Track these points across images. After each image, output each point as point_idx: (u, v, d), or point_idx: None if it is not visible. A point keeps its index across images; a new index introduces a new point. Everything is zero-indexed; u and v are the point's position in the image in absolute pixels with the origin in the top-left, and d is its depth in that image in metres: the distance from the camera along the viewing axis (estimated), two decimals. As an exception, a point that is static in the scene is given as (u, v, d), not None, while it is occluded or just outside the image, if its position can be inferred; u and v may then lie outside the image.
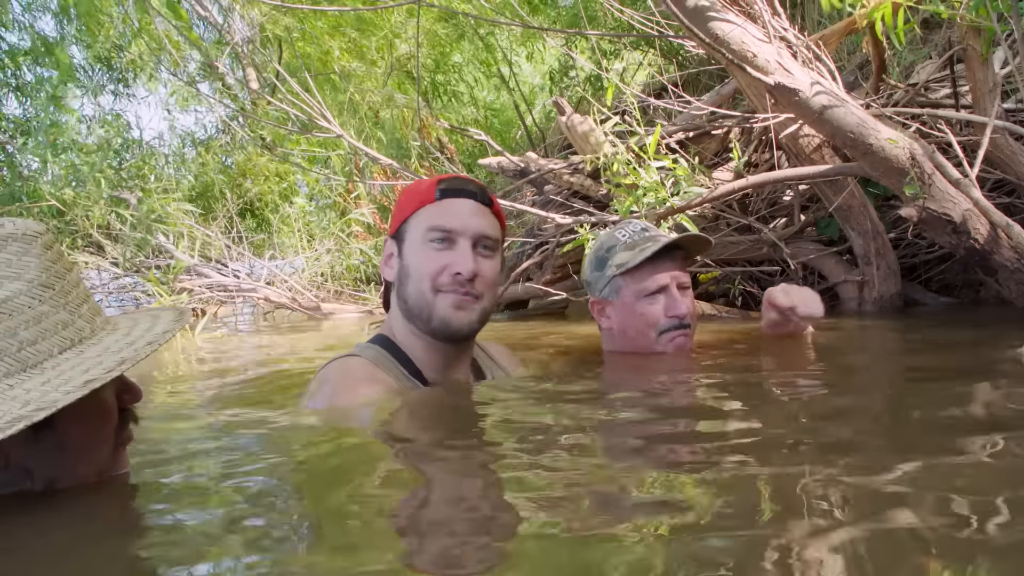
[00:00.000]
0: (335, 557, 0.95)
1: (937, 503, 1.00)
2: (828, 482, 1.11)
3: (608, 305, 2.52)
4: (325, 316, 6.69)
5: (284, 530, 1.07)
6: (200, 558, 0.97)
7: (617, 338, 2.54)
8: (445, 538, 0.99)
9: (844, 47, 4.94)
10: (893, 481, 1.11)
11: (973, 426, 1.43)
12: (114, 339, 1.21)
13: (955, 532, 0.90)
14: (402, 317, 1.99)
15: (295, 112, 5.05)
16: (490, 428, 1.71)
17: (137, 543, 1.08)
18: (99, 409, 1.23)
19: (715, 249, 4.17)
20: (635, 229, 2.51)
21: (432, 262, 1.91)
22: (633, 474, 1.26)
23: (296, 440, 1.67)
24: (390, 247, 2.02)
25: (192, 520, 1.13)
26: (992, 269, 2.99)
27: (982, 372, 2.03)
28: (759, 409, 1.75)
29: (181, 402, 2.50)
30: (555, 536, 0.98)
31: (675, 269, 2.46)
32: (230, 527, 1.08)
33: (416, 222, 1.95)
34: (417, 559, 0.95)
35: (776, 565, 0.85)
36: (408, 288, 1.94)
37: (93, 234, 8.13)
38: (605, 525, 1.01)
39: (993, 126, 3.13)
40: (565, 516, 1.05)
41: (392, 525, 1.08)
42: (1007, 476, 1.12)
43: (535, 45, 9.07)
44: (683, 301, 2.44)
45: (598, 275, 2.52)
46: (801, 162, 3.78)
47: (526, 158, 4.97)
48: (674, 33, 4.11)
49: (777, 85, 3.02)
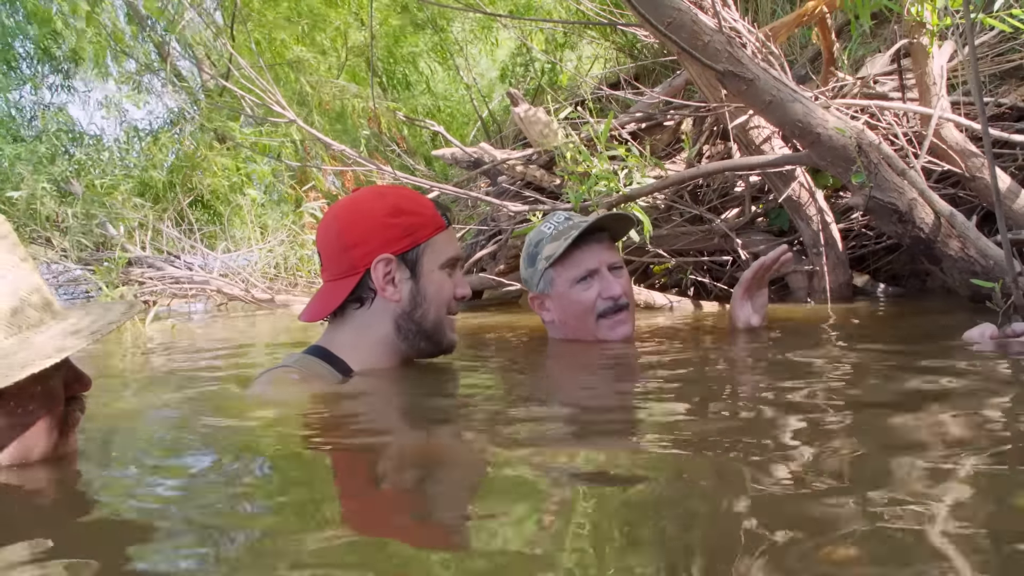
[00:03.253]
0: (279, 540, 0.94)
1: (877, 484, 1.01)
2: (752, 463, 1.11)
3: (546, 298, 2.53)
4: (279, 307, 6.62)
5: (221, 513, 1.05)
6: (134, 543, 0.96)
7: (560, 329, 2.55)
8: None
9: (796, 41, 4.99)
10: (832, 472, 1.11)
11: (924, 410, 1.45)
12: (60, 328, 1.23)
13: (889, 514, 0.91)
14: (392, 335, 2.00)
15: (249, 98, 4.98)
16: (453, 408, 1.73)
17: (78, 523, 1.06)
18: (44, 394, 1.23)
19: (667, 239, 4.19)
20: (559, 220, 2.51)
21: (448, 287, 2.02)
22: (568, 452, 1.25)
23: (232, 431, 1.64)
24: (391, 268, 1.96)
25: (128, 506, 1.12)
26: (937, 258, 3.03)
27: (932, 357, 2.06)
28: (695, 397, 1.76)
29: (122, 388, 2.44)
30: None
31: (603, 251, 2.46)
32: (163, 513, 1.07)
33: (433, 249, 2.00)
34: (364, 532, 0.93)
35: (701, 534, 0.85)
36: (427, 311, 2.00)
37: (41, 227, 7.96)
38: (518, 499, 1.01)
39: (937, 118, 3.18)
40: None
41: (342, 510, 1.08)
42: (961, 457, 1.12)
43: (490, 37, 9.04)
44: (617, 281, 2.44)
45: (531, 271, 2.52)
46: (751, 153, 3.81)
47: (480, 149, 4.94)
48: (627, 23, 4.12)
49: (727, 73, 3.03)
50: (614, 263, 2.47)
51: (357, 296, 1.98)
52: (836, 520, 0.88)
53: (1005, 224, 2.28)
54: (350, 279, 1.97)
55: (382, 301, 1.98)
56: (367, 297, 1.98)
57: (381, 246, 1.95)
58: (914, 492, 0.94)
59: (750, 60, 3.13)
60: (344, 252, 1.97)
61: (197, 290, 7.13)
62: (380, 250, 1.94)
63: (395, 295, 1.97)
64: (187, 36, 11.21)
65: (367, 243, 1.95)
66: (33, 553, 0.90)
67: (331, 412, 1.72)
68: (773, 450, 1.17)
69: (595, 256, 2.43)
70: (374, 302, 1.98)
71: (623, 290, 2.44)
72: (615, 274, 2.45)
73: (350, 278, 1.97)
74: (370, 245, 1.95)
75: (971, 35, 2.56)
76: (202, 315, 6.57)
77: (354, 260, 1.96)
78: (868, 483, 0.99)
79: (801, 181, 3.79)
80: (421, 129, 8.54)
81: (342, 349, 1.98)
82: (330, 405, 1.78)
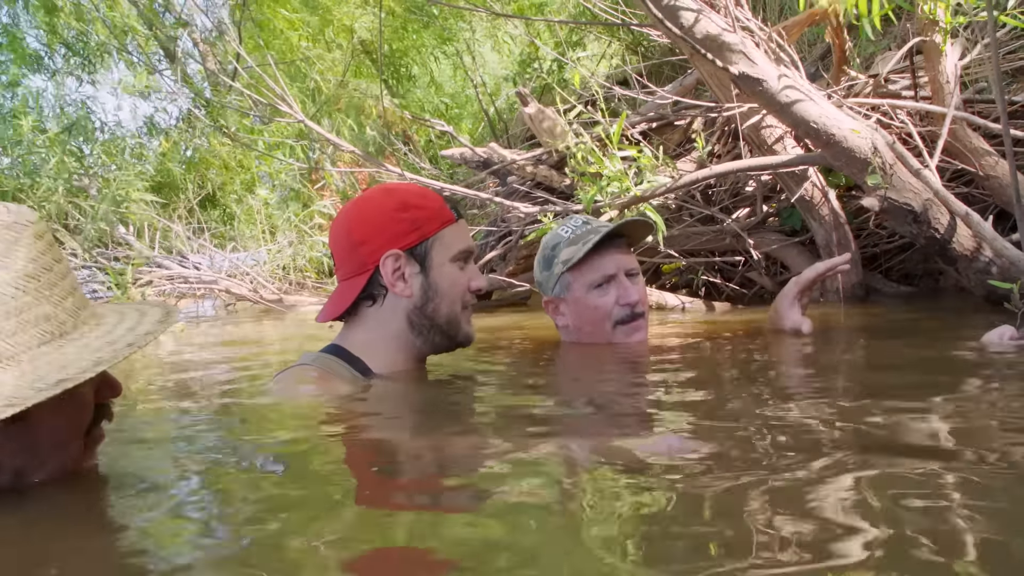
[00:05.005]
0: (304, 553, 0.93)
1: (892, 491, 0.99)
2: (777, 468, 1.10)
3: (561, 303, 2.50)
4: (288, 308, 6.63)
5: (239, 522, 1.04)
6: (165, 553, 0.96)
7: (574, 334, 2.53)
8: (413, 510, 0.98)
9: (805, 39, 4.97)
10: (847, 474, 1.10)
11: (937, 416, 1.43)
12: (95, 336, 1.17)
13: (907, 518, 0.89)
14: (406, 331, 2.00)
15: (256, 98, 4.98)
16: (467, 412, 1.74)
17: (106, 538, 1.05)
18: (75, 404, 1.19)
19: (679, 240, 4.17)
20: (576, 224, 2.49)
21: (462, 280, 2.01)
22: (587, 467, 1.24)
23: (257, 431, 1.64)
24: (400, 263, 1.96)
25: (157, 516, 1.10)
26: (951, 258, 3.01)
27: (946, 360, 2.04)
28: (710, 399, 1.74)
29: (142, 397, 2.45)
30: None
31: (621, 257, 2.44)
32: (189, 522, 1.06)
33: (442, 242, 1.99)
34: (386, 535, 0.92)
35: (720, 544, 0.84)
36: (439, 305, 1.99)
37: (54, 225, 7.97)
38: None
39: (951, 116, 3.16)
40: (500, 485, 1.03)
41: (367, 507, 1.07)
42: (976, 467, 1.11)
43: (500, 36, 9.01)
44: (633, 288, 2.42)
45: (547, 275, 2.50)
46: (763, 153, 3.79)
47: (489, 149, 4.93)
48: (638, 22, 4.10)
49: (741, 75, 3.02)
50: (631, 269, 2.45)
51: (369, 294, 1.98)
52: (847, 526, 0.87)
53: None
54: (361, 277, 1.97)
55: (394, 297, 1.98)
56: (379, 294, 1.99)
57: (389, 242, 1.95)
58: (937, 497, 0.93)
59: (764, 60, 3.11)
60: (354, 250, 1.97)
61: (206, 289, 7.15)
62: (388, 246, 1.95)
63: (406, 290, 1.97)
64: (195, 35, 11.24)
65: (375, 240, 1.95)
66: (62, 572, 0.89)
67: (351, 412, 1.72)
68: (797, 458, 1.16)
69: (613, 261, 2.41)
70: (386, 299, 1.99)
71: (639, 297, 2.43)
72: (632, 280, 2.44)
73: (361, 276, 1.97)
74: (378, 241, 1.95)
75: (992, 31, 2.54)
76: (211, 316, 6.58)
77: (363, 258, 1.96)
78: (888, 487, 0.98)
79: (814, 181, 3.77)
80: (428, 128, 8.52)
81: (358, 347, 1.99)
82: (350, 405, 1.78)
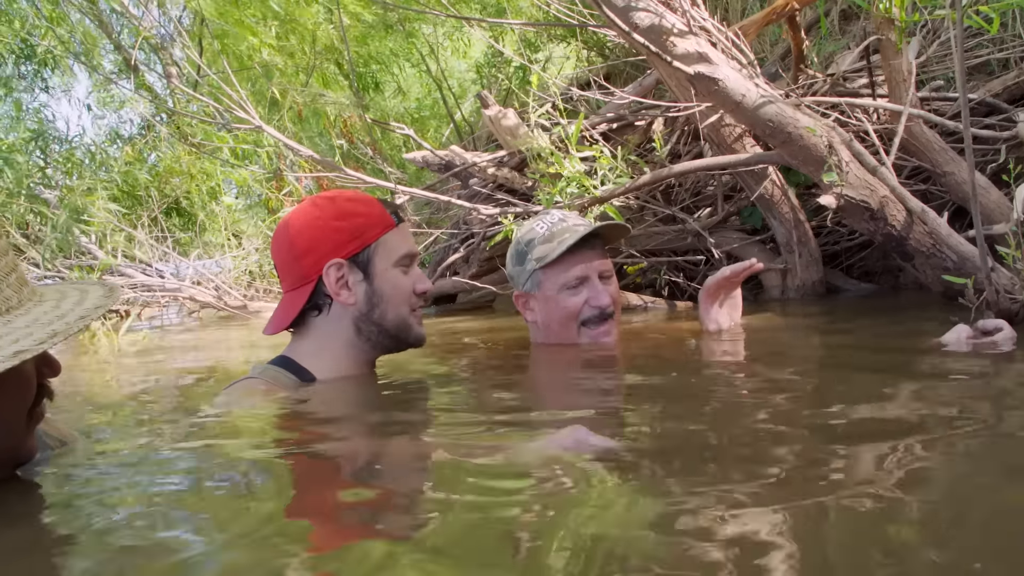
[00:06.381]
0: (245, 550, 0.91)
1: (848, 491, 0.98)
2: (735, 464, 1.09)
3: (531, 298, 2.50)
4: (252, 315, 6.56)
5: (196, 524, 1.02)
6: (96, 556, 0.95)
7: (542, 331, 2.52)
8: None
9: (767, 39, 4.99)
10: (807, 470, 1.08)
11: (897, 415, 1.43)
12: (42, 310, 1.17)
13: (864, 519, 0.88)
14: (354, 337, 1.99)
15: (216, 106, 4.92)
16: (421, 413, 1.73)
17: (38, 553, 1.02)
18: (19, 382, 1.18)
19: (640, 240, 4.17)
20: (553, 220, 2.47)
21: (406, 284, 2.00)
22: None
23: (203, 443, 1.61)
24: (343, 272, 1.95)
25: (93, 519, 1.08)
26: (909, 255, 3.03)
27: (906, 358, 2.05)
28: (675, 400, 1.73)
29: (101, 405, 2.40)
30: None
31: (595, 259, 2.43)
32: (137, 531, 1.03)
33: (384, 247, 1.98)
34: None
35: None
36: (386, 311, 1.98)
37: (11, 233, 7.84)
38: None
39: (908, 114, 3.17)
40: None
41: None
42: (929, 462, 1.10)
43: (461, 39, 8.99)
44: (605, 291, 2.42)
45: (519, 269, 2.49)
46: (723, 152, 3.79)
47: (451, 152, 4.91)
48: (597, 23, 4.09)
49: (697, 75, 3.02)
50: (605, 271, 2.45)
51: (314, 304, 1.98)
52: (806, 521, 0.85)
53: (980, 220, 2.28)
54: (305, 288, 1.97)
55: (339, 306, 1.97)
56: (324, 304, 1.98)
57: (331, 251, 1.94)
58: (893, 488, 0.92)
59: (720, 60, 3.12)
60: (296, 262, 1.96)
61: (169, 298, 7.05)
62: (330, 255, 1.94)
63: (350, 299, 1.96)
64: (155, 42, 11.10)
65: (317, 250, 1.94)
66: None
67: (290, 420, 1.71)
68: (749, 458, 1.14)
69: (587, 263, 2.40)
70: (331, 308, 1.98)
71: (611, 300, 2.42)
72: (605, 283, 2.43)
73: (305, 287, 1.97)
74: (320, 252, 1.94)
75: (960, 28, 2.56)
76: (174, 324, 6.50)
77: (306, 269, 1.95)
78: (838, 481, 0.97)
79: (773, 179, 3.78)
80: (392, 133, 8.48)
81: (305, 357, 1.98)
82: (289, 413, 1.76)
